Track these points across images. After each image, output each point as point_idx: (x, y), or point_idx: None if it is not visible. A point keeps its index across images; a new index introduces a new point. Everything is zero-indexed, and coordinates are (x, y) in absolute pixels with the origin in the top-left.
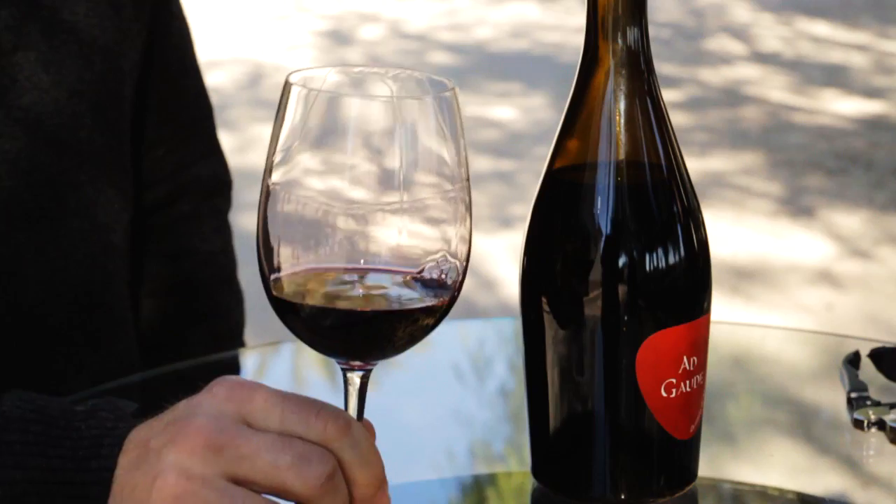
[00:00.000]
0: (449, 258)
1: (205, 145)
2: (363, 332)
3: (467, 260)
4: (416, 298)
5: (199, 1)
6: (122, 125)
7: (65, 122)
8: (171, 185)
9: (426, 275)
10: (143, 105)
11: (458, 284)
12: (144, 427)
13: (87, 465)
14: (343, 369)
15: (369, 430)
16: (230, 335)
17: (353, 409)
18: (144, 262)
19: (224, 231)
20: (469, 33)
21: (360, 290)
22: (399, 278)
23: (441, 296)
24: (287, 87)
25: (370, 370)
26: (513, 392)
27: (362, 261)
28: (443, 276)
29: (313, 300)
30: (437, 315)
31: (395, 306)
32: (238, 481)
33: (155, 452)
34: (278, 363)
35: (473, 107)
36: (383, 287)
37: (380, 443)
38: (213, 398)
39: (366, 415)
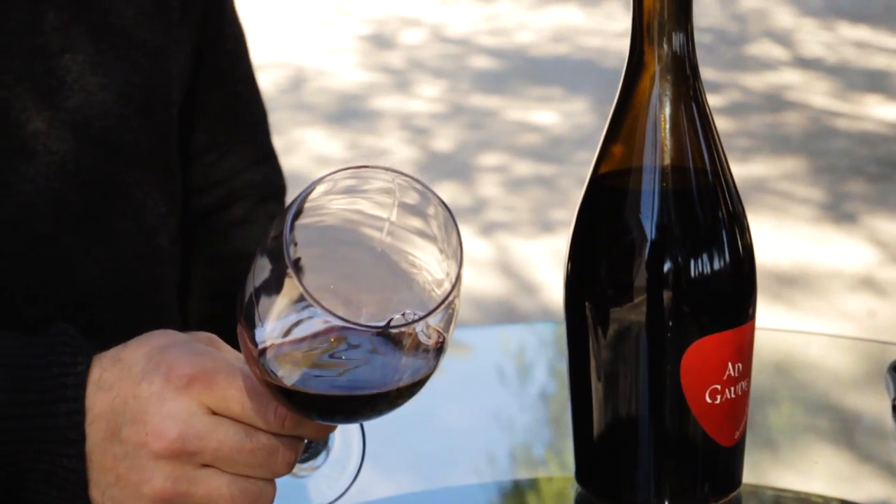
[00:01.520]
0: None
1: (258, 150)
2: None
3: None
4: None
5: (242, 5)
6: (169, 129)
7: (112, 124)
8: (225, 189)
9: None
10: (192, 109)
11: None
12: (106, 397)
13: (57, 409)
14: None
15: None
16: None
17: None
18: (194, 266)
19: None
20: (510, 38)
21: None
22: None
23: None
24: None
25: None
26: (554, 396)
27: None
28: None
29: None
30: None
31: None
32: (211, 467)
33: (132, 448)
34: None
35: (514, 111)
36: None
37: (421, 447)
38: (176, 392)
39: (407, 418)
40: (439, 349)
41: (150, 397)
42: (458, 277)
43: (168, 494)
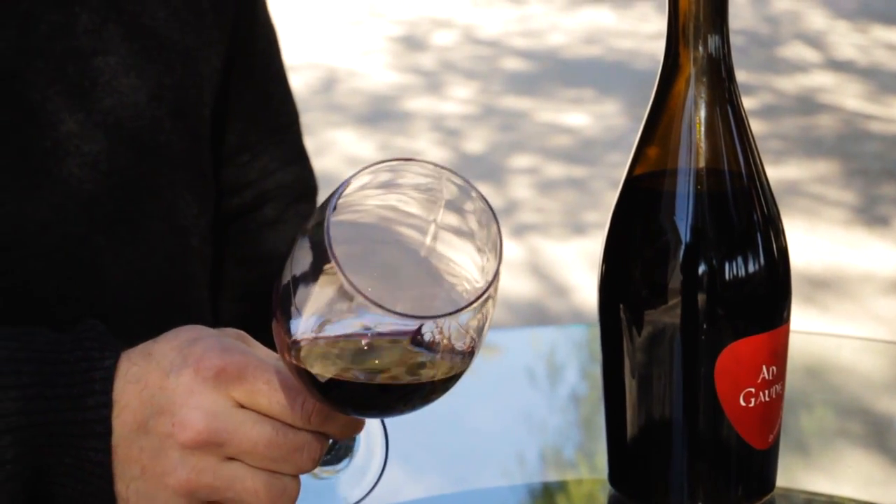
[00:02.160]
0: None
1: (290, 151)
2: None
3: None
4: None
5: (274, 7)
6: (201, 130)
7: (145, 125)
8: (257, 190)
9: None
10: (224, 110)
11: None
12: (134, 389)
13: (84, 403)
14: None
15: None
16: None
17: None
18: (226, 267)
19: None
20: (542, 39)
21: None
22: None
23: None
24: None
25: None
26: (584, 398)
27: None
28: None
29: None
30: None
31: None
32: (236, 460)
33: (158, 440)
34: None
35: (546, 113)
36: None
37: (450, 448)
38: (204, 383)
39: (437, 419)
40: (474, 345)
41: (178, 389)
42: (497, 273)
43: (192, 486)
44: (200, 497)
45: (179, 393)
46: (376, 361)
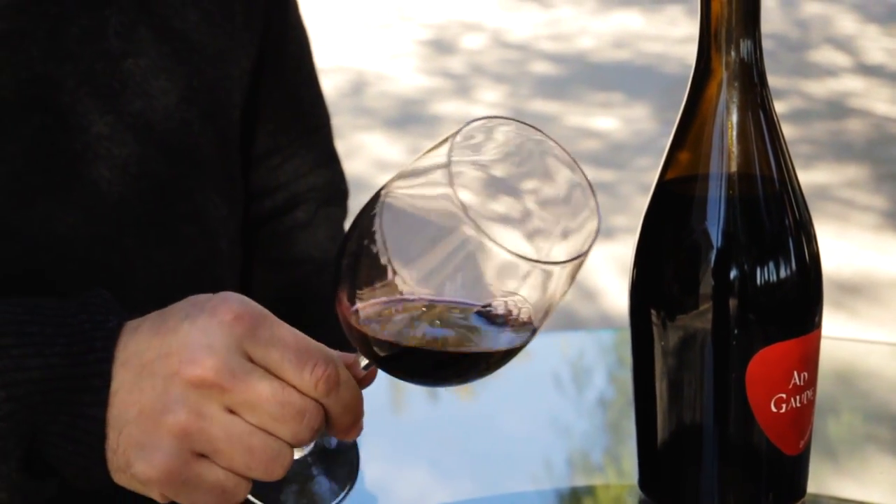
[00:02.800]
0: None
1: (321, 154)
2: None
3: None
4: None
5: (304, 9)
6: (231, 133)
7: (174, 128)
8: (287, 193)
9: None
10: (254, 113)
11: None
12: (142, 336)
13: (84, 359)
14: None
15: (370, 376)
16: (339, 345)
17: (364, 360)
18: (255, 270)
19: (339, 240)
20: (571, 43)
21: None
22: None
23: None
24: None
25: None
26: (612, 402)
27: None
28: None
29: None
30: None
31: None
32: (235, 414)
33: (161, 379)
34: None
35: (575, 117)
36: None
37: (478, 452)
38: (219, 327)
39: (465, 423)
40: (536, 322)
41: (192, 331)
42: (585, 252)
43: (189, 429)
44: (194, 444)
45: (192, 334)
46: (441, 330)
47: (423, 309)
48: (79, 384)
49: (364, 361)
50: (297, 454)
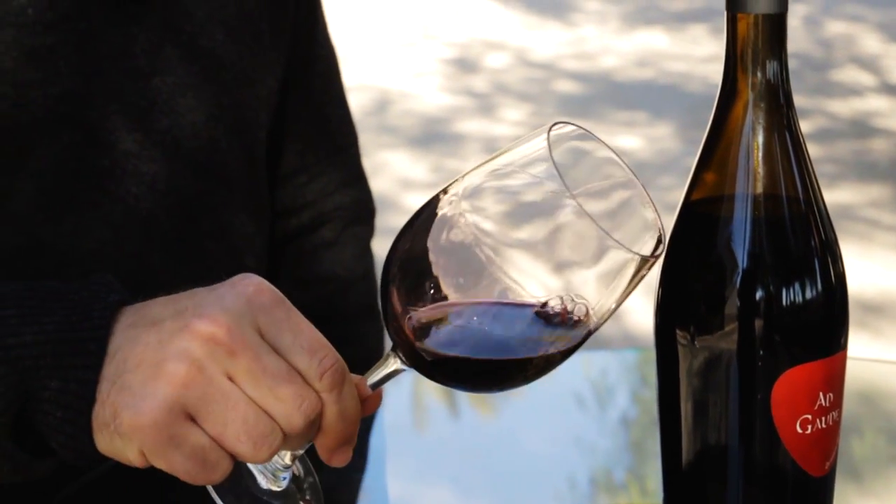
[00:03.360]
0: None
1: (348, 173)
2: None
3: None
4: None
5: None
6: (257, 150)
7: (202, 145)
8: (314, 211)
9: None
10: (281, 131)
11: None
12: (156, 302)
13: (80, 325)
14: (394, 347)
15: (375, 400)
16: (366, 364)
17: (372, 378)
18: (281, 288)
19: (366, 258)
20: (595, 62)
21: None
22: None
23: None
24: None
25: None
26: (635, 421)
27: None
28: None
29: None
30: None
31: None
32: (234, 383)
33: (169, 333)
34: (397, 387)
35: (598, 136)
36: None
37: (502, 470)
38: (238, 296)
39: (488, 441)
40: (592, 324)
41: (209, 294)
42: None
43: (187, 381)
44: (188, 400)
45: (209, 297)
46: (496, 332)
47: (475, 313)
48: (73, 348)
49: (371, 380)
50: (273, 484)
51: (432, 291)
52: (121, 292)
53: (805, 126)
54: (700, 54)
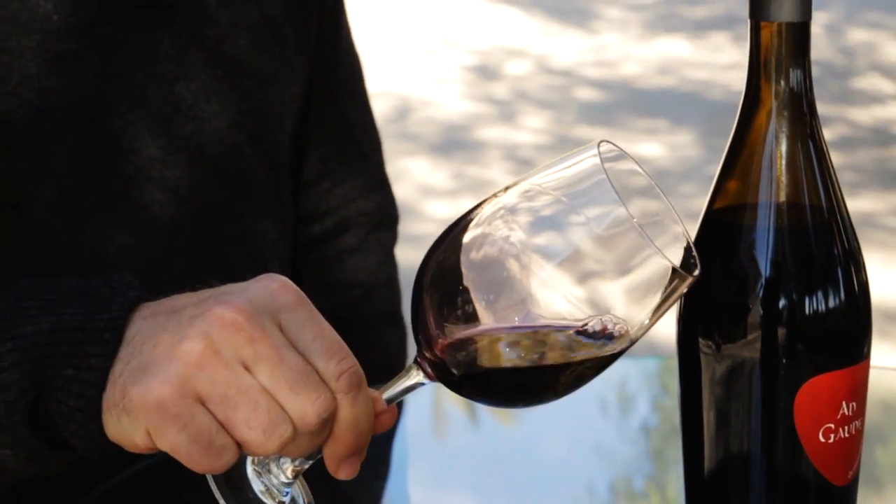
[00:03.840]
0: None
1: (372, 179)
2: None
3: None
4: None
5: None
6: (281, 157)
7: (225, 151)
8: (337, 217)
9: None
10: (304, 137)
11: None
12: (178, 297)
13: (98, 316)
14: (417, 360)
15: (389, 416)
16: (388, 370)
17: (390, 391)
18: (304, 293)
19: (389, 265)
20: (616, 69)
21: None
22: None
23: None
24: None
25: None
26: (656, 429)
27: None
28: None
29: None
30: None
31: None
32: (249, 372)
33: (189, 317)
34: (418, 395)
35: (619, 143)
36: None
37: (522, 477)
38: (262, 290)
39: (508, 447)
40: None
41: (232, 286)
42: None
43: (201, 361)
44: (200, 382)
45: (232, 287)
46: (532, 351)
47: (510, 331)
48: (89, 336)
49: (388, 394)
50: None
51: (468, 307)
52: (140, 289)
53: (827, 134)
54: (721, 62)
